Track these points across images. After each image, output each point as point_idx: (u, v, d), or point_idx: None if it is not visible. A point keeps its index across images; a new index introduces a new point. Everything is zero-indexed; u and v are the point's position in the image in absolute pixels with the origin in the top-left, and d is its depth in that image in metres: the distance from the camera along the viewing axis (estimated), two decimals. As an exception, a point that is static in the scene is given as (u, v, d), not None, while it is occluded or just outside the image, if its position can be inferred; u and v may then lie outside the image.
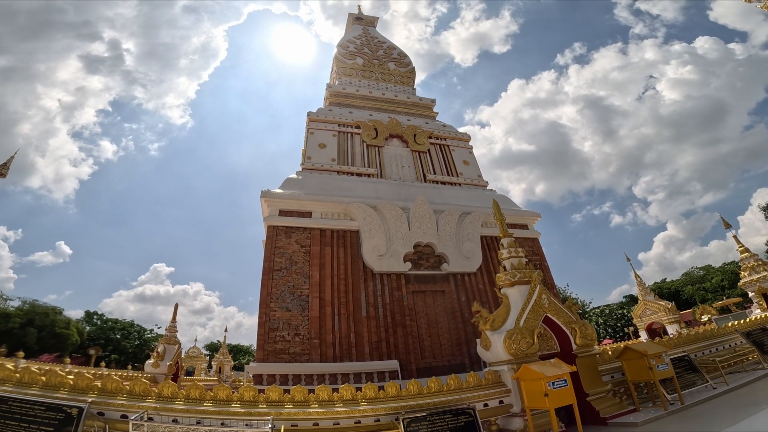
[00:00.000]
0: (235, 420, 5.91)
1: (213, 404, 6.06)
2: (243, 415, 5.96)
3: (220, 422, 5.89)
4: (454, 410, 6.49)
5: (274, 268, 13.04)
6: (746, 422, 6.34)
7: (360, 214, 14.48)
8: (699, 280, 47.47)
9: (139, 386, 6.12)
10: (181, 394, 6.15)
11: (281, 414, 6.06)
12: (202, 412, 5.90)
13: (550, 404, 6.26)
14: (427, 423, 6.17)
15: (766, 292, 14.62)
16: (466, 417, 6.45)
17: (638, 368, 8.15)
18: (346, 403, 6.45)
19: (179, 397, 6.10)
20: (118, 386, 6.14)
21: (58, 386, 6.08)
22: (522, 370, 6.95)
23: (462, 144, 20.81)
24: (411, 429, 6.02)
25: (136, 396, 6.04)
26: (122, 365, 33.11)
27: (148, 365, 15.16)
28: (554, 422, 6.40)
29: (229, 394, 6.22)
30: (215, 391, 6.24)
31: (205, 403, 6.05)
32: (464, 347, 13.81)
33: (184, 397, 6.10)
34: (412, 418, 6.14)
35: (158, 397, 6.07)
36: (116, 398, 5.97)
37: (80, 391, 6.01)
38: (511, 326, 8.05)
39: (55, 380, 6.14)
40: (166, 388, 6.16)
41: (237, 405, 6.11)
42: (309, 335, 12.32)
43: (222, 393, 6.22)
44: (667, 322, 25.90)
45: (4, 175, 8.69)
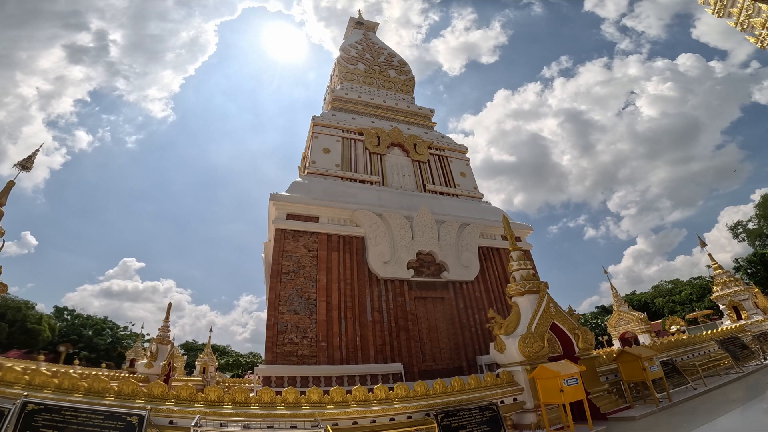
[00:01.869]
0: (282, 422, 6.32)
1: (260, 407, 6.43)
2: (289, 417, 6.41)
3: (267, 425, 6.24)
4: (480, 406, 7.30)
5: (282, 271, 13.46)
6: (728, 416, 7.50)
7: (366, 221, 15.14)
8: (668, 293, 51.20)
9: (185, 391, 6.37)
10: (226, 398, 6.47)
11: (324, 414, 6.59)
12: (250, 416, 6.26)
13: (565, 399, 7.17)
14: (457, 418, 6.94)
15: (736, 305, 16.47)
16: (490, 412, 7.27)
17: (633, 370, 9.26)
18: (381, 402, 7.09)
19: (225, 401, 6.42)
20: (164, 391, 6.33)
21: (103, 392, 6.16)
22: (538, 369, 7.85)
23: (460, 156, 21.90)
24: (444, 424, 6.75)
25: (184, 401, 6.27)
26: (94, 363, 31.80)
27: (140, 365, 15.08)
28: (567, 416, 7.32)
29: (272, 397, 6.66)
30: (260, 395, 6.64)
31: (252, 407, 6.42)
32: (462, 352, 14.68)
33: (230, 401, 6.43)
34: (444, 414, 6.89)
35: (205, 401, 6.35)
36: (164, 404, 6.15)
37: (127, 397, 6.14)
38: (523, 331, 8.97)
39: (99, 386, 6.21)
40: (212, 392, 6.45)
41: (282, 407, 6.54)
42: (317, 338, 12.81)
43: (266, 396, 6.64)
44: (639, 332, 27.92)
45: (28, 168, 8.77)
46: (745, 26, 5.92)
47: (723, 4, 6.17)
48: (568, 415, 7.24)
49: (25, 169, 8.39)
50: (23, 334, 30.21)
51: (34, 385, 6.08)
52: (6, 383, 6.03)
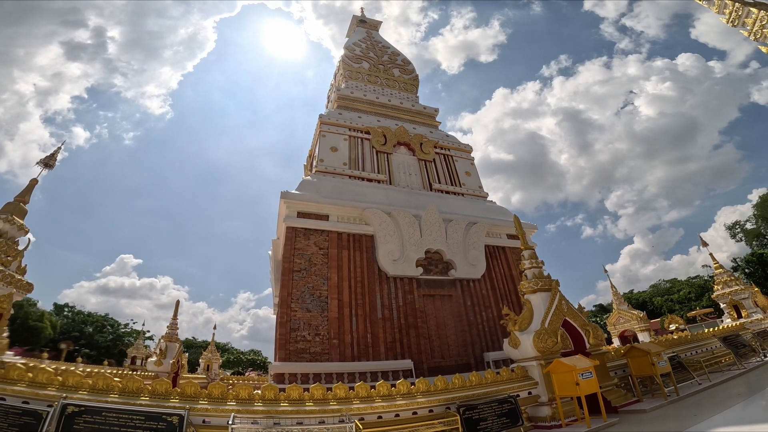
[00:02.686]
0: (310, 418, 6.57)
1: (289, 404, 6.67)
2: (317, 413, 6.66)
3: (297, 421, 6.48)
4: (498, 399, 7.63)
5: (294, 269, 13.70)
6: (733, 409, 7.87)
7: (376, 219, 15.40)
8: (666, 292, 52.07)
9: (217, 390, 6.59)
10: (256, 396, 6.69)
11: (351, 409, 6.86)
12: (281, 413, 6.49)
13: (581, 392, 7.51)
14: (478, 411, 7.26)
15: (736, 304, 16.98)
16: (508, 405, 7.60)
17: (642, 365, 9.63)
18: (404, 397, 7.38)
19: (256, 399, 6.64)
20: (196, 390, 6.53)
21: (138, 392, 6.32)
22: (554, 363, 8.19)
23: (465, 155, 22.21)
24: (466, 416, 7.07)
25: (216, 399, 6.48)
26: (95, 360, 31.82)
27: (150, 363, 15.27)
28: (583, 409, 7.65)
29: (301, 394, 6.90)
30: (288, 392, 6.89)
31: (282, 404, 6.65)
32: (469, 348, 15.01)
33: (260, 399, 6.65)
34: (466, 407, 7.20)
35: (237, 399, 6.56)
36: (198, 403, 6.34)
37: (161, 396, 6.32)
38: (536, 327, 9.30)
39: (133, 386, 6.37)
40: (243, 390, 6.67)
41: (311, 404, 6.79)
42: (329, 335, 13.07)
43: (294, 393, 6.89)
44: (639, 330, 28.49)
45: (51, 166, 8.93)
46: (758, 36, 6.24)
47: (738, 14, 6.50)
48: (584, 407, 7.58)
49: (48, 167, 8.57)
50: (25, 331, 30.15)
51: (68, 386, 6.26)
52: (38, 384, 6.21)
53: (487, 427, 7.12)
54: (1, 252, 7.09)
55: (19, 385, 6.14)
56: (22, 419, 5.54)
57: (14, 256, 7.26)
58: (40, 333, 32.00)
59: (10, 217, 7.54)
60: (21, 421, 5.51)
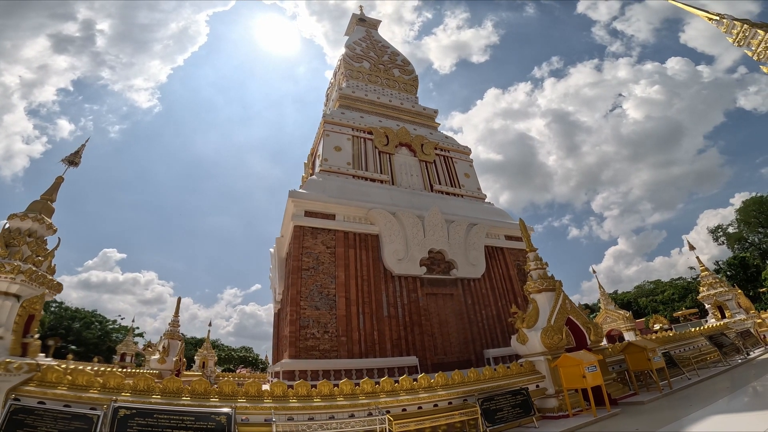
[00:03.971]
0: (341, 412, 7.03)
1: (321, 399, 7.11)
2: (348, 408, 7.12)
3: (329, 416, 6.92)
4: (512, 391, 8.25)
5: (303, 268, 14.08)
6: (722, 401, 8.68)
7: (381, 219, 15.88)
8: (650, 293, 54.26)
9: (253, 388, 6.95)
10: (290, 393, 7.07)
11: (378, 403, 7.35)
12: (315, 408, 6.92)
13: (588, 384, 8.18)
14: (494, 402, 7.88)
15: (720, 305, 18.16)
16: (521, 396, 8.24)
17: (638, 360, 10.41)
18: (426, 390, 7.93)
19: (290, 396, 7.02)
20: (234, 389, 6.85)
21: (178, 392, 6.53)
22: (562, 358, 8.85)
23: (464, 157, 22.87)
24: (484, 407, 7.67)
25: (253, 397, 6.81)
26: (83, 357, 31.27)
27: (153, 361, 15.41)
28: (590, 400, 8.33)
29: (331, 389, 7.36)
30: (320, 388, 7.33)
31: (315, 400, 7.08)
32: (470, 345, 15.68)
33: (294, 395, 7.04)
34: (484, 398, 7.82)
35: (273, 397, 6.92)
36: (237, 401, 6.62)
37: (201, 396, 6.57)
38: (543, 325, 9.97)
39: (174, 386, 6.59)
40: (277, 388, 7.06)
41: (341, 399, 7.24)
42: (337, 333, 13.51)
43: (325, 389, 7.34)
44: (625, 329, 29.79)
45: (76, 163, 9.07)
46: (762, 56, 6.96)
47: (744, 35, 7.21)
48: (591, 399, 8.27)
49: (73, 165, 8.74)
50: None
51: (109, 388, 6.42)
52: (79, 387, 6.35)
53: (503, 417, 7.74)
54: (33, 252, 7.30)
55: (60, 388, 6.28)
56: (72, 424, 5.58)
57: (45, 256, 7.47)
58: (27, 330, 31.09)
59: (39, 216, 7.68)
60: (71, 427, 5.56)
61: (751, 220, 44.75)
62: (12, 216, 7.56)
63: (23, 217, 7.50)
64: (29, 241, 7.23)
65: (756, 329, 17.92)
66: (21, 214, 7.55)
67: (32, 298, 7.04)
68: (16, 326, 6.73)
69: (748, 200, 45.94)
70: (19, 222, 7.47)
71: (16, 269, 6.60)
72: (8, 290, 6.67)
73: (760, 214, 43.66)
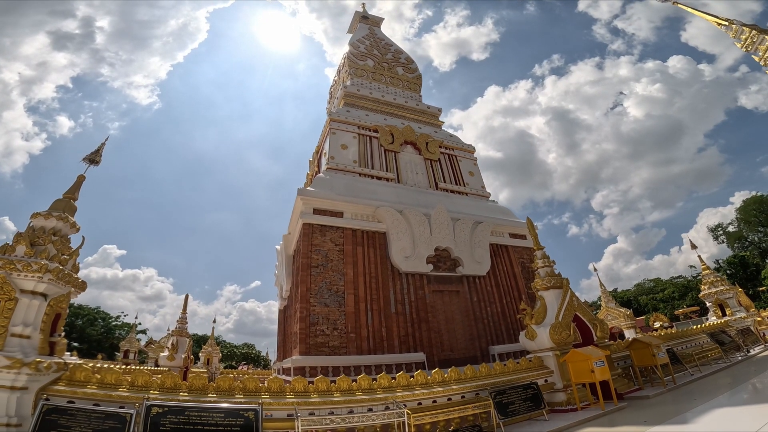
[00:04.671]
0: (360, 406, 7.27)
1: (341, 394, 7.34)
2: (367, 402, 7.37)
3: (348, 410, 7.16)
4: (523, 385, 8.55)
5: (312, 265, 14.32)
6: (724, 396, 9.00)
7: (389, 217, 16.13)
8: (650, 291, 54.80)
9: (275, 384, 7.15)
10: (311, 388, 7.31)
11: (396, 397, 7.61)
12: (335, 403, 7.15)
13: (596, 378, 8.48)
14: (507, 395, 8.19)
15: (721, 303, 18.54)
16: (532, 390, 8.55)
17: (643, 356, 10.72)
18: (440, 384, 8.21)
19: (311, 391, 7.25)
20: (256, 386, 7.05)
21: (203, 390, 6.71)
22: (571, 353, 9.14)
23: (468, 155, 23.11)
24: (497, 400, 7.97)
25: (276, 393, 7.02)
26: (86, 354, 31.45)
27: (162, 358, 15.66)
28: (598, 394, 8.62)
29: (350, 384, 7.58)
30: (339, 383, 7.56)
31: (335, 395, 7.30)
32: (476, 342, 15.98)
33: (314, 391, 7.27)
34: (497, 392, 8.10)
35: (294, 393, 7.14)
36: (260, 397, 6.83)
37: (226, 393, 6.74)
38: (551, 321, 10.26)
39: (199, 383, 6.76)
40: (298, 384, 7.27)
41: (360, 393, 7.48)
42: (346, 329, 13.77)
43: (344, 384, 7.56)
44: (625, 327, 30.20)
45: (97, 162, 9.22)
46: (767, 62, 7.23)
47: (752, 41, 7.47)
48: (599, 392, 8.57)
49: (94, 163, 8.90)
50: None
51: (137, 386, 6.59)
52: (108, 385, 6.51)
53: (515, 410, 8.04)
54: (58, 251, 7.48)
55: (89, 387, 6.44)
56: (106, 423, 5.69)
57: (70, 255, 7.66)
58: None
59: (63, 214, 7.83)
60: (105, 426, 5.67)
61: (751, 219, 45.21)
62: (36, 214, 7.74)
63: (47, 215, 7.68)
64: (54, 240, 7.41)
65: (756, 327, 18.29)
66: (45, 213, 7.73)
67: (59, 297, 7.22)
68: (43, 325, 6.89)
69: (749, 199, 46.41)
70: (44, 221, 7.66)
71: (44, 268, 6.73)
72: (35, 289, 6.82)
73: (760, 213, 44.13)
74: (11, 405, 5.96)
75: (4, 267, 6.71)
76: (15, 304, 6.57)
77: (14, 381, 6.00)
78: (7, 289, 6.58)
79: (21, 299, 6.63)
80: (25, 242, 7.06)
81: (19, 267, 6.71)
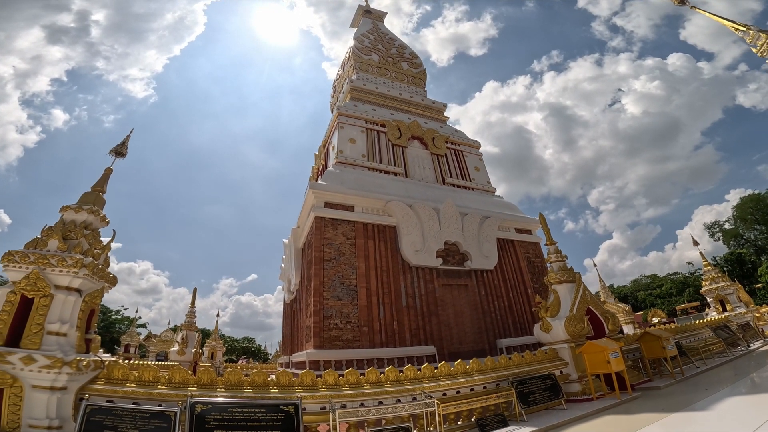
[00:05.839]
0: (389, 397, 7.49)
1: (371, 386, 7.53)
2: (395, 393, 7.59)
3: (378, 401, 7.36)
4: (542, 375, 8.87)
5: (325, 258, 14.52)
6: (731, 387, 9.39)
7: (399, 211, 16.34)
8: (646, 287, 55.88)
9: (308, 378, 7.32)
10: (342, 381, 7.49)
11: (423, 388, 7.84)
12: (365, 395, 7.35)
13: (612, 369, 8.83)
14: (527, 385, 8.52)
15: (722, 299, 19.11)
16: (550, 381, 8.88)
17: (653, 348, 11.11)
18: (463, 375, 8.48)
19: (342, 384, 7.43)
20: (290, 380, 7.18)
21: (239, 385, 6.76)
22: (587, 345, 9.49)
23: (474, 151, 23.35)
24: (518, 390, 8.29)
25: (309, 387, 7.17)
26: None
27: (172, 352, 15.81)
28: (607, 386, 8.97)
29: (378, 377, 7.80)
30: (368, 375, 7.77)
31: (365, 387, 7.50)
32: (484, 335, 16.33)
33: (346, 383, 7.46)
34: (518, 382, 8.41)
35: (327, 386, 7.32)
36: (295, 391, 6.98)
37: (261, 388, 6.83)
38: (565, 314, 10.58)
39: (235, 379, 6.85)
40: (330, 377, 7.47)
41: (388, 385, 7.69)
42: (359, 323, 14.02)
43: (373, 376, 7.77)
44: (624, 322, 30.86)
45: (123, 154, 9.24)
46: (782, 68, 7.45)
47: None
48: (614, 383, 8.92)
49: (120, 156, 8.96)
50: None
51: (175, 383, 6.63)
52: (146, 383, 6.52)
53: (535, 399, 8.37)
54: (91, 245, 7.51)
55: (129, 385, 6.48)
56: (152, 423, 5.68)
57: (102, 249, 7.71)
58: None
59: (94, 207, 7.86)
60: (151, 426, 5.66)
61: (747, 216, 46.12)
62: (65, 208, 7.78)
63: (77, 209, 7.71)
64: (87, 234, 7.46)
65: (755, 322, 18.87)
66: (75, 206, 7.75)
67: (93, 293, 7.21)
68: (79, 322, 6.85)
69: (746, 197, 47.32)
70: (74, 214, 7.68)
71: (79, 263, 6.70)
72: (71, 285, 6.77)
73: (756, 211, 45.04)
74: (51, 406, 5.88)
75: (37, 262, 6.64)
76: (50, 300, 6.49)
77: (54, 381, 5.92)
78: (42, 285, 6.50)
79: (56, 295, 6.57)
80: (57, 236, 7.08)
81: (53, 262, 6.67)
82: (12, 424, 5.64)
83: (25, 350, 6.00)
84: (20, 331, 6.32)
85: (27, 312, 6.47)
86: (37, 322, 6.33)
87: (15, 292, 6.48)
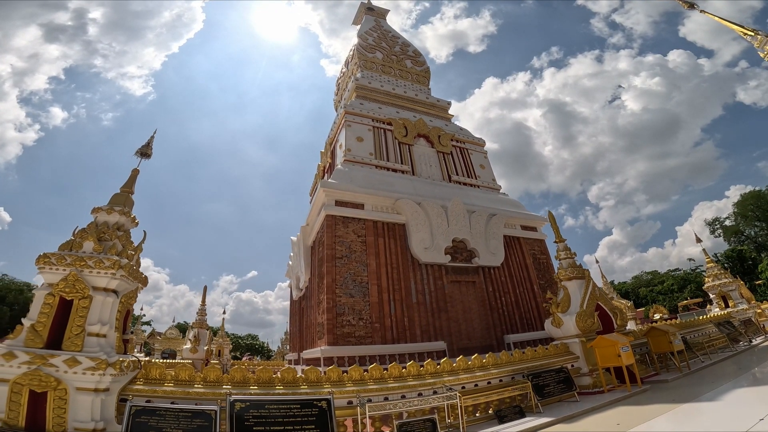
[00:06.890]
0: (411, 391, 7.86)
1: (394, 381, 7.89)
2: (417, 387, 7.95)
3: (401, 395, 7.71)
4: (555, 369, 9.29)
5: (336, 256, 14.87)
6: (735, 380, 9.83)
7: (408, 209, 16.69)
8: (647, 283, 56.62)
9: (334, 373, 7.64)
10: (367, 376, 7.82)
11: (443, 381, 8.22)
12: (390, 389, 7.71)
13: (623, 362, 9.25)
14: (542, 378, 8.92)
15: (724, 295, 19.63)
16: (563, 374, 9.31)
17: (660, 343, 11.55)
18: (481, 369, 8.89)
19: (367, 379, 7.76)
20: (318, 376, 7.51)
21: (270, 382, 7.05)
22: (598, 339, 9.91)
23: (479, 149, 23.71)
24: (534, 382, 8.69)
25: (336, 382, 7.49)
26: None
27: (185, 350, 16.15)
28: (617, 379, 9.40)
29: (401, 371, 8.17)
30: (391, 370, 8.12)
31: (389, 382, 7.85)
32: (492, 331, 16.77)
33: (370, 378, 7.79)
34: (533, 375, 8.83)
35: (353, 381, 7.64)
36: (323, 387, 7.29)
37: (291, 384, 7.15)
38: (576, 310, 10.99)
39: (266, 376, 7.09)
40: (355, 372, 7.80)
41: (411, 379, 8.06)
42: (371, 319, 14.40)
43: (396, 371, 8.13)
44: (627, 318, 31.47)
45: (148, 155, 9.45)
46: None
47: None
48: (625, 376, 9.35)
49: (146, 156, 9.24)
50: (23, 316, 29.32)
51: (210, 382, 6.88)
52: (183, 382, 6.73)
53: (550, 392, 8.79)
54: (125, 246, 7.76)
55: (166, 384, 6.71)
56: (194, 422, 5.85)
57: (134, 250, 7.98)
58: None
59: (125, 209, 8.12)
60: (193, 425, 5.83)
61: (748, 213, 46.75)
62: (97, 209, 8.06)
63: (109, 210, 7.98)
64: (120, 235, 7.78)
65: (756, 318, 19.39)
66: (106, 208, 8.03)
67: (128, 294, 7.51)
68: (117, 323, 7.08)
69: (746, 194, 47.89)
70: (106, 215, 7.94)
71: (116, 264, 6.93)
72: (108, 286, 6.98)
73: (757, 208, 45.65)
74: (96, 408, 5.96)
75: (74, 264, 6.81)
76: (89, 302, 6.64)
77: (98, 383, 6.01)
78: (80, 287, 6.65)
79: (95, 297, 6.73)
80: (92, 238, 7.35)
81: (91, 264, 6.86)
82: (58, 428, 5.77)
83: (69, 352, 6.13)
84: (60, 333, 6.47)
85: (65, 314, 6.61)
86: (78, 324, 6.47)
87: (53, 294, 6.62)
